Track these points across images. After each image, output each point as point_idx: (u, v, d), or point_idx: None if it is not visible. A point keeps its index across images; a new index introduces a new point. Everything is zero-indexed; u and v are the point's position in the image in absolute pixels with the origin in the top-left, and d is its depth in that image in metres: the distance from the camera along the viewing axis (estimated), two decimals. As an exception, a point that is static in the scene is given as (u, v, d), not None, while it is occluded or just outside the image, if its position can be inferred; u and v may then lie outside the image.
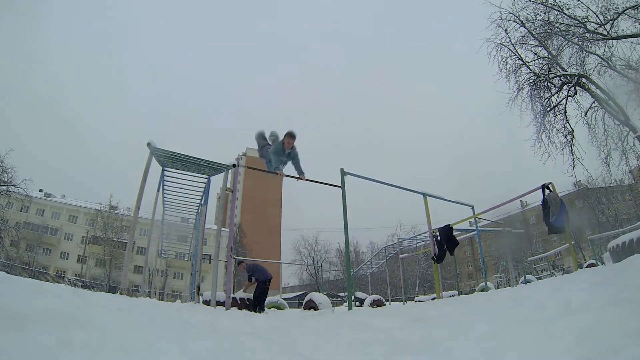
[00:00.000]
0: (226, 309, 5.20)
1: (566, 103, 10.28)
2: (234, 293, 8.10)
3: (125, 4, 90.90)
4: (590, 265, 10.69)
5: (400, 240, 17.85)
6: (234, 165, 6.52)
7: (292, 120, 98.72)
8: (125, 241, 30.75)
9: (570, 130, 10.23)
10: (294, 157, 5.68)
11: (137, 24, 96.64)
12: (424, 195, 8.35)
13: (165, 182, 7.35)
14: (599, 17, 9.29)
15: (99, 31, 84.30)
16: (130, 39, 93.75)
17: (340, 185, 6.60)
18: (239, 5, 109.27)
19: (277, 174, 5.78)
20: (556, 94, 10.43)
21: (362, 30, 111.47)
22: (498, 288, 14.28)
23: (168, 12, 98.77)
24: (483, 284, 12.31)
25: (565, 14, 9.70)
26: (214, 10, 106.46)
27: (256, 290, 6.92)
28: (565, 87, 10.25)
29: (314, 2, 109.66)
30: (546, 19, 10.01)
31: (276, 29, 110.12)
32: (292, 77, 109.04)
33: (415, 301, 17.32)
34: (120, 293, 5.33)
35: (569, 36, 9.84)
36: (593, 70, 9.92)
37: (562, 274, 12.58)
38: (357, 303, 14.38)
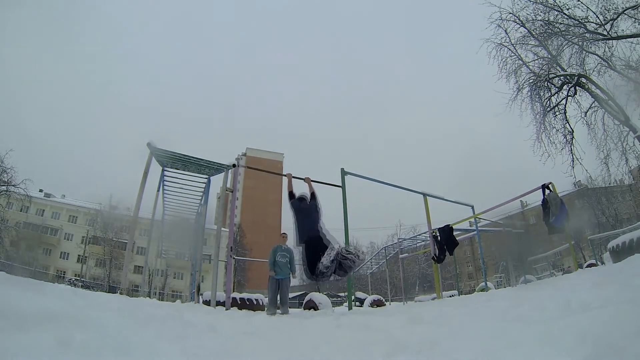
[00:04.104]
0: (226, 309, 5.21)
1: (566, 103, 10.28)
2: (240, 293, 8.11)
3: (128, 2, 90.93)
4: (590, 265, 10.70)
5: (400, 240, 17.86)
6: (234, 165, 6.53)
7: (293, 121, 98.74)
8: (125, 241, 30.73)
9: (570, 130, 10.22)
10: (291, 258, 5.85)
11: (139, 23, 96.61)
12: (424, 195, 8.36)
13: (165, 182, 7.35)
14: (598, 17, 9.28)
15: (100, 30, 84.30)
16: (131, 38, 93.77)
17: (340, 185, 6.61)
18: (242, 9, 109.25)
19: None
20: (556, 94, 10.43)
21: (362, 32, 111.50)
22: (498, 288, 14.29)
23: (170, 10, 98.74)
24: (483, 284, 12.32)
25: (565, 14, 9.69)
26: (215, 12, 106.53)
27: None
28: (565, 87, 10.25)
29: (314, 5, 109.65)
30: (546, 19, 10.00)
31: (279, 34, 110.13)
32: (291, 75, 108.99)
33: (415, 301, 17.34)
34: (120, 293, 5.34)
35: (569, 36, 9.84)
36: (593, 70, 9.91)
37: (562, 274, 12.58)
38: (357, 303, 14.39)
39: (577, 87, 10.01)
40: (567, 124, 10.28)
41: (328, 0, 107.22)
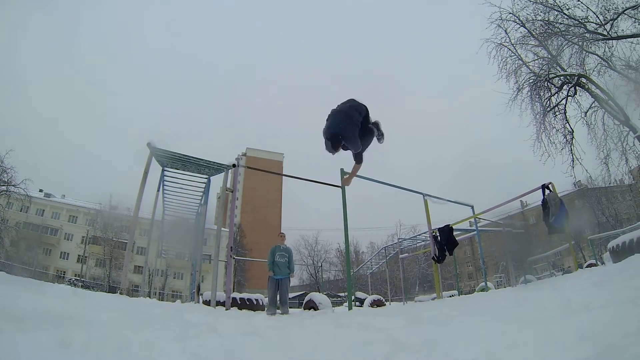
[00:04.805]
0: (226, 309, 5.21)
1: (566, 103, 10.28)
2: (240, 293, 8.11)
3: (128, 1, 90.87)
4: (590, 265, 10.69)
5: (400, 240, 17.84)
6: (234, 165, 6.54)
7: (292, 121, 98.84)
8: (125, 241, 30.73)
9: (570, 130, 10.23)
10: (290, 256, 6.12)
11: (139, 23, 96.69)
12: (424, 195, 8.37)
13: (165, 182, 7.35)
14: (598, 17, 9.29)
15: (101, 30, 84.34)
16: (131, 38, 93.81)
17: (340, 185, 6.61)
18: (243, 9, 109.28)
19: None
20: (556, 94, 10.43)
21: (361, 31, 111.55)
22: (498, 288, 14.29)
23: (170, 10, 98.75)
24: (483, 284, 12.33)
25: (565, 14, 9.69)
26: (216, 11, 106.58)
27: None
28: (565, 87, 10.25)
29: (316, 3, 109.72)
30: (546, 19, 10.01)
31: (276, 29, 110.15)
32: (291, 76, 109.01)
33: (415, 301, 17.33)
34: (120, 293, 5.34)
35: (569, 36, 9.84)
36: (593, 70, 9.92)
37: (562, 274, 12.58)
38: (357, 303, 14.40)
39: (577, 87, 10.01)
40: (567, 124, 10.29)
41: (328, 1, 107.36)
